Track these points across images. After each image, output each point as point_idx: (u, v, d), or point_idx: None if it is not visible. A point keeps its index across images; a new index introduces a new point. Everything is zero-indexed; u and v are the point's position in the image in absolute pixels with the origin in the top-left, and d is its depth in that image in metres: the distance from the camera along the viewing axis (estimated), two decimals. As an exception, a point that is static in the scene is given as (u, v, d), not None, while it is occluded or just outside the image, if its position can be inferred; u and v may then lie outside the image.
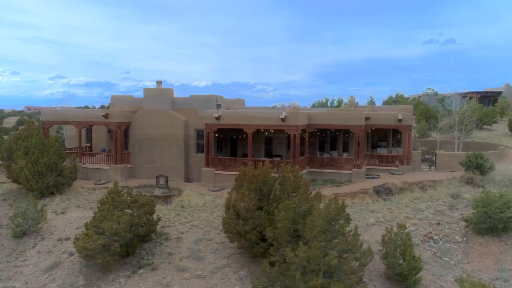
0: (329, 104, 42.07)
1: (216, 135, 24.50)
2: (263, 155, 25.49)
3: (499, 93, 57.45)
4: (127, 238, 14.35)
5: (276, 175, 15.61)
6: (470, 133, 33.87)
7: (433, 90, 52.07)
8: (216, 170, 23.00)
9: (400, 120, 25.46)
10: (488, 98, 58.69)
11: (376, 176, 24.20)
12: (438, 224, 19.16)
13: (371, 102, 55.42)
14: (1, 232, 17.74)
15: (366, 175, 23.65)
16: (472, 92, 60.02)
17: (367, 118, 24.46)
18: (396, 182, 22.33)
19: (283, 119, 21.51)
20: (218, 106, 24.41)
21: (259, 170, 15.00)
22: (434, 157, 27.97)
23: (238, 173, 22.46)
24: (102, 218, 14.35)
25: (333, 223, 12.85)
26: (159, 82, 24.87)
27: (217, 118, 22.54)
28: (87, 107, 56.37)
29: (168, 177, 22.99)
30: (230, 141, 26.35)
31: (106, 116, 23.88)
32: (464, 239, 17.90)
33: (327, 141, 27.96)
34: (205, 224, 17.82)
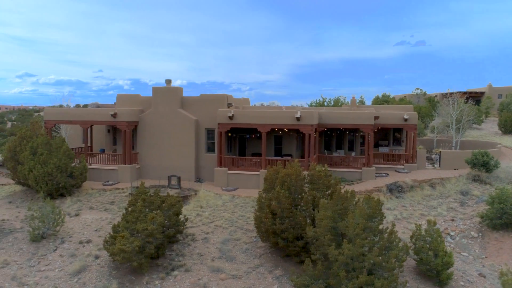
0: (326, 104, 42.47)
1: (229, 134, 24.39)
2: (272, 154, 25.50)
3: (482, 93, 59.54)
4: (160, 239, 14.09)
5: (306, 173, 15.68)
6: (463, 132, 34.97)
7: (421, 90, 53.39)
8: (229, 170, 22.87)
9: (406, 120, 26.04)
10: (472, 98, 60.66)
11: (384, 175, 24.65)
12: (452, 220, 19.72)
13: (361, 102, 56.38)
14: (17, 235, 17.07)
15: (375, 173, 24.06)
16: (457, 92, 61.95)
17: (376, 118, 24.87)
18: (406, 180, 22.81)
19: (298, 119, 21.61)
20: (229, 105, 24.27)
21: (291, 169, 15.03)
22: (438, 156, 28.75)
23: (251, 172, 22.57)
24: (134, 220, 14.03)
25: (374, 220, 13.03)
26: (168, 81, 24.49)
27: (231, 118, 22.43)
28: (86, 106, 54.91)
29: (180, 177, 22.69)
30: (239, 141, 26.23)
31: (114, 115, 23.33)
32: (480, 234, 18.49)
33: (332, 140, 28.29)
34: (229, 224, 17.70)
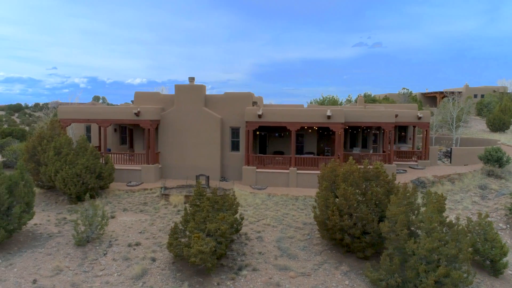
0: (326, 103, 43.11)
1: (257, 133, 24.25)
2: (294, 153, 25.61)
3: (460, 93, 62.63)
4: (229, 239, 13.86)
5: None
6: (457, 129, 36.70)
7: (407, 89, 55.42)
8: (257, 168, 22.78)
9: (419, 118, 27.00)
10: (449, 98, 63.76)
11: (402, 171, 25.45)
12: (479, 213, 20.70)
13: (348, 101, 57.73)
14: (58, 240, 16.15)
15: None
16: (436, 92, 64.94)
17: (395, 116, 25.60)
18: (428, 176, 23.70)
19: (329, 117, 21.87)
20: (254, 103, 24.15)
21: (350, 166, 15.24)
22: (441, 152, 30.04)
23: (280, 171, 22.59)
24: (202, 220, 13.70)
25: (443, 214, 13.48)
26: (192, 79, 24.00)
27: (260, 116, 22.34)
28: (93, 103, 52.35)
29: (209, 177, 22.34)
30: (260, 139, 26.16)
31: (138, 113, 22.57)
32: (508, 226, 19.55)
33: (346, 138, 28.85)
34: (277, 222, 17.67)
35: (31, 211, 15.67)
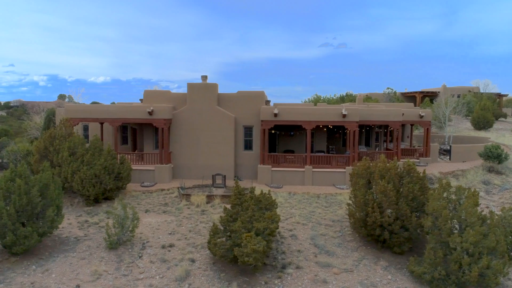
0: (321, 101, 43.66)
1: (272, 131, 24.26)
2: (304, 151, 25.86)
3: (438, 92, 65.09)
4: (275, 238, 13.85)
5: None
6: (443, 128, 38.24)
7: (391, 89, 57.05)
8: (273, 167, 22.83)
9: (422, 116, 27.93)
10: (427, 97, 66.22)
11: (408, 168, 26.22)
12: (487, 207, 21.73)
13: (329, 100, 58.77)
14: (88, 244, 15.55)
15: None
16: (415, 92, 67.16)
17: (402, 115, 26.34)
18: (434, 172, 24.58)
19: (344, 116, 22.24)
20: (267, 102, 24.16)
21: (384, 163, 15.60)
22: (449, 150, 31.22)
23: (296, 169, 22.76)
24: (248, 219, 13.63)
25: (478, 208, 14.07)
26: (204, 77, 23.69)
27: (276, 115, 22.40)
28: (59, 102, 50.16)
29: (225, 176, 22.18)
30: (270, 138, 26.19)
31: (151, 112, 22.06)
32: (516, 218, 20.59)
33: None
34: (306, 220, 17.81)
35: (61, 214, 15.02)
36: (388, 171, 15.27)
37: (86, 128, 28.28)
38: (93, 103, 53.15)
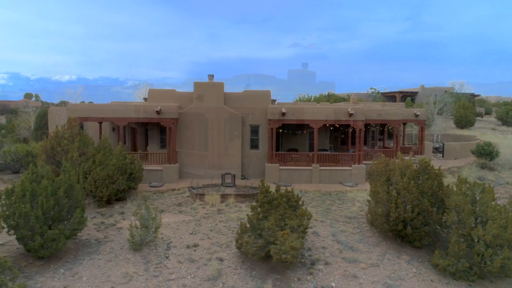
0: (312, 100, 44.18)
1: (280, 130, 24.43)
2: (307, 149, 26.25)
3: (416, 93, 67.39)
4: (306, 234, 14.08)
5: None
6: (430, 127, 39.72)
7: (375, 89, 58.53)
8: (280, 166, 23.04)
9: (417, 116, 28.90)
10: (407, 97, 68.42)
11: (405, 165, 27.07)
12: (510, 201, 22.82)
13: (307, 99, 59.62)
14: (111, 245, 15.23)
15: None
16: (395, 92, 69.18)
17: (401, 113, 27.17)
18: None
19: (351, 114, 22.74)
20: (273, 101, 24.33)
21: (403, 160, 16.13)
22: (442, 148, 32.41)
23: (304, 168, 23.08)
24: (280, 217, 13.78)
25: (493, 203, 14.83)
26: (211, 76, 23.59)
27: (283, 114, 22.62)
28: (25, 101, 48.26)
29: (235, 175, 22.20)
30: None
31: (159, 111, 21.76)
32: None
33: (345, 136, 30.04)
34: (323, 217, 18.13)
35: (84, 215, 14.64)
36: (408, 168, 15.80)
37: (80, 127, 27.52)
38: (62, 102, 51.25)
